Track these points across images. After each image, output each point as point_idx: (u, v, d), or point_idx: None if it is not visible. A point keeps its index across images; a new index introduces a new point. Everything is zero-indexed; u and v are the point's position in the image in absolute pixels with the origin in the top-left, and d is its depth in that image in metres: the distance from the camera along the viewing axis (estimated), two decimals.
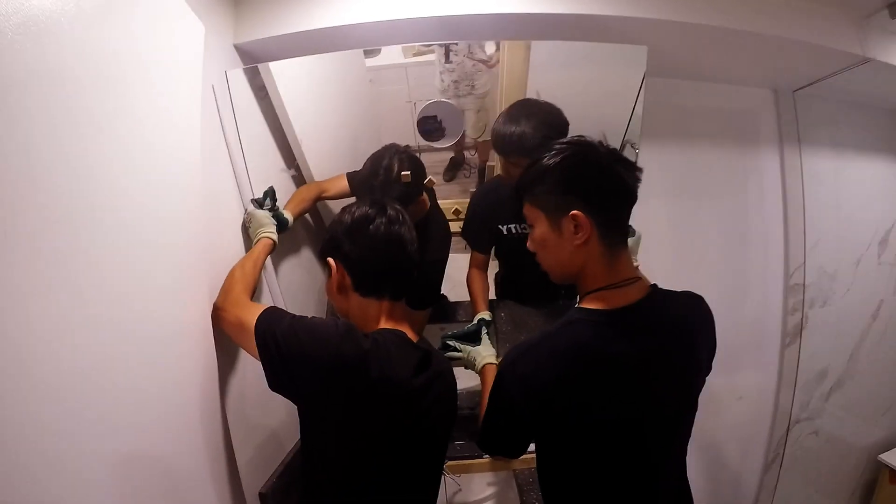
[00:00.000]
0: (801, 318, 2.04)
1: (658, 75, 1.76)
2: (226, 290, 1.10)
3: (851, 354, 2.24)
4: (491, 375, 1.13)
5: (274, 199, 1.31)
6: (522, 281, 1.62)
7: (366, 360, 0.87)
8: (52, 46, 0.68)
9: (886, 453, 2.29)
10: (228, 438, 1.12)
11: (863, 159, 2.21)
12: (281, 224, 1.29)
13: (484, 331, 1.28)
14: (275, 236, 1.26)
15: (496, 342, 1.39)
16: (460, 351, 1.23)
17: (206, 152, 1.09)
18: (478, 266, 1.57)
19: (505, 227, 1.49)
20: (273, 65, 1.33)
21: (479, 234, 1.56)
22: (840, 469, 2.33)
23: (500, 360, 1.17)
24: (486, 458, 1.52)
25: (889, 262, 2.29)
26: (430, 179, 1.42)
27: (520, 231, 1.48)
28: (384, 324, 0.99)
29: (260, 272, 1.20)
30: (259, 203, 1.29)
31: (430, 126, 1.45)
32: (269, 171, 1.43)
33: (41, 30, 0.65)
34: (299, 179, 1.50)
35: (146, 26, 0.90)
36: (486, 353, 1.22)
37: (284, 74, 1.36)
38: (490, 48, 1.46)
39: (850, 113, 2.16)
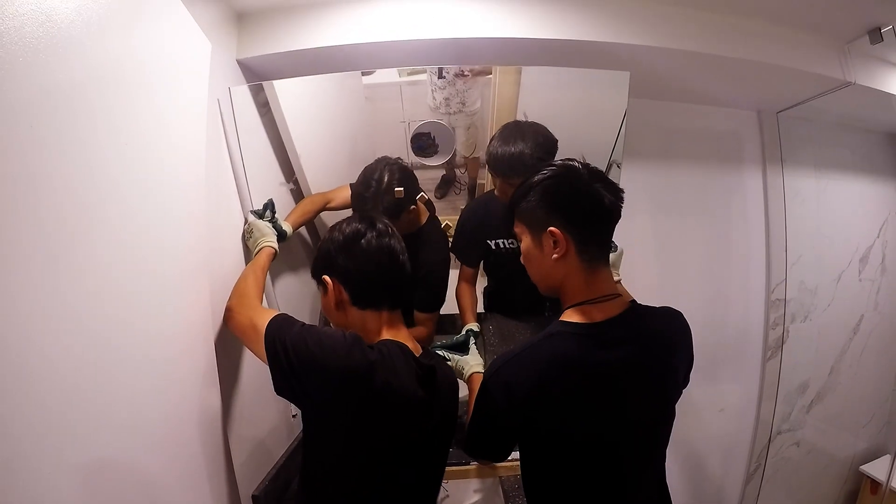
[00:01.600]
0: (783, 333, 2.09)
1: (646, 97, 1.82)
2: (240, 292, 1.13)
3: (832, 368, 2.29)
4: (478, 383, 1.15)
5: (273, 211, 1.35)
6: (510, 294, 1.66)
7: (372, 370, 0.89)
8: (75, 62, 0.74)
9: (867, 464, 2.33)
10: (226, 441, 1.16)
11: (844, 178, 2.27)
12: (280, 235, 1.32)
13: (472, 341, 1.32)
14: (276, 245, 1.29)
15: (484, 353, 1.42)
16: (449, 360, 1.26)
17: (209, 164, 1.13)
18: (466, 280, 1.61)
19: (493, 241, 1.54)
20: (276, 82, 1.38)
21: (469, 249, 1.59)
22: (822, 480, 2.37)
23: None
24: (474, 465, 1.55)
25: (869, 278, 2.35)
26: (421, 195, 1.46)
27: (507, 246, 1.53)
28: (385, 335, 1.01)
29: (265, 280, 1.23)
30: (259, 214, 1.33)
31: (423, 143, 1.50)
32: (269, 185, 1.47)
33: (67, 48, 0.72)
34: (297, 193, 1.54)
35: (159, 43, 0.96)
36: (473, 362, 1.25)
37: (287, 91, 1.41)
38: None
39: (832, 134, 2.23)
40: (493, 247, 1.54)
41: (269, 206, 1.35)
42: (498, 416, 0.96)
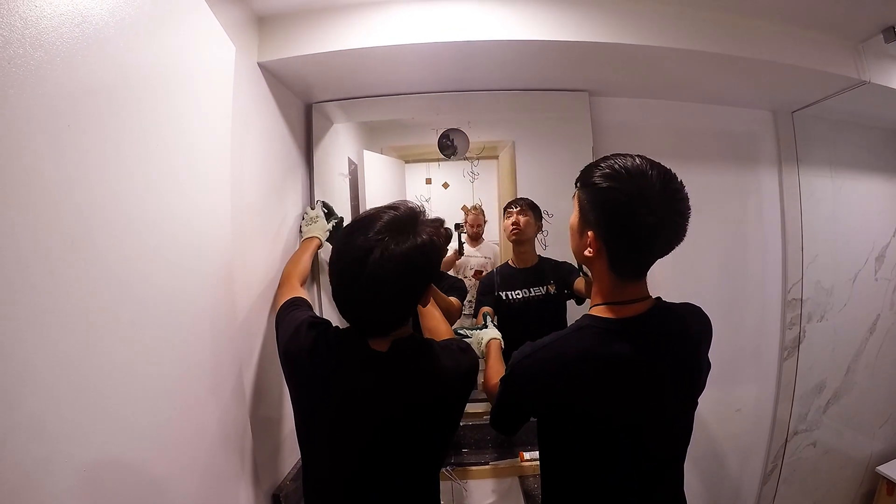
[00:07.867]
0: (799, 332, 2.09)
1: (662, 98, 1.83)
2: (284, 274, 1.34)
3: (849, 368, 2.27)
4: (493, 349, 1.30)
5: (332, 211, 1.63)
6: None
7: (304, 356, 0.95)
8: (110, 63, 0.76)
9: (884, 465, 2.32)
10: (250, 439, 1.17)
11: (860, 177, 2.26)
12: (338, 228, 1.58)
13: (489, 320, 1.48)
14: (324, 240, 1.54)
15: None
16: (470, 336, 1.37)
17: (234, 166, 1.16)
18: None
19: (503, 293, 1.83)
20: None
21: (484, 296, 1.87)
22: (838, 480, 2.35)
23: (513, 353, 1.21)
24: (492, 465, 1.58)
25: (885, 277, 2.33)
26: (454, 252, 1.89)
27: (513, 297, 1.82)
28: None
29: (310, 263, 1.43)
30: (327, 211, 1.61)
31: (442, 143, 1.81)
32: (329, 176, 1.73)
33: (102, 49, 0.74)
34: (353, 182, 1.80)
35: (187, 45, 0.99)
36: (491, 332, 1.37)
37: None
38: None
39: (847, 132, 2.22)
40: (504, 298, 1.83)
41: (330, 208, 1.63)
42: (519, 400, 0.99)
